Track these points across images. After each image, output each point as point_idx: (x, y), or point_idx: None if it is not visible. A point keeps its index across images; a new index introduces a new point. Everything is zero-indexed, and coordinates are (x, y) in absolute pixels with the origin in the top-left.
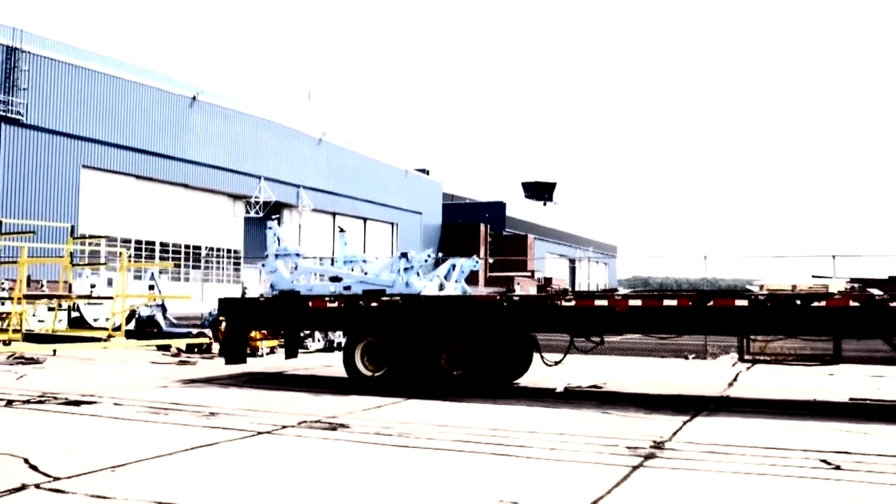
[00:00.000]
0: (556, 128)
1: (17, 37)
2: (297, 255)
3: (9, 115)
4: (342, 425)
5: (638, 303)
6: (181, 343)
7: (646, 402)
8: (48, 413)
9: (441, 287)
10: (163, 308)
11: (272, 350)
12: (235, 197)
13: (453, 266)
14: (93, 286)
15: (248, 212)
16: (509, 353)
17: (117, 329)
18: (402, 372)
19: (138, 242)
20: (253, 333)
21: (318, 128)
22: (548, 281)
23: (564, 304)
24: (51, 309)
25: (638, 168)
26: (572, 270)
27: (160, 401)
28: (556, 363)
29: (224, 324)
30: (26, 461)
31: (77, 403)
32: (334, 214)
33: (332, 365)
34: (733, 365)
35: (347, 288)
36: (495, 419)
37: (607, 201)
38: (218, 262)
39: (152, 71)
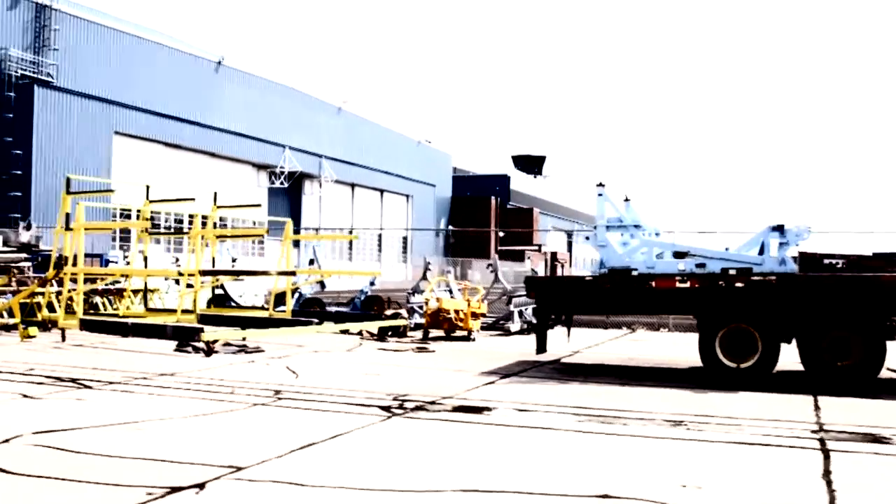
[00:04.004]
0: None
1: None
2: (636, 226)
3: (40, 76)
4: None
5: None
6: (372, 326)
7: None
8: (462, 424)
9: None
10: (322, 285)
11: (469, 333)
12: (259, 167)
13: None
14: (234, 260)
15: (272, 182)
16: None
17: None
18: (774, 363)
19: (167, 212)
20: (461, 314)
21: (338, 96)
22: (553, 255)
23: None
24: (189, 286)
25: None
26: (569, 244)
27: (559, 404)
28: None
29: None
30: None
31: (466, 410)
32: (353, 186)
33: (579, 351)
34: None
35: (701, 265)
36: None
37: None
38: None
39: (176, 38)
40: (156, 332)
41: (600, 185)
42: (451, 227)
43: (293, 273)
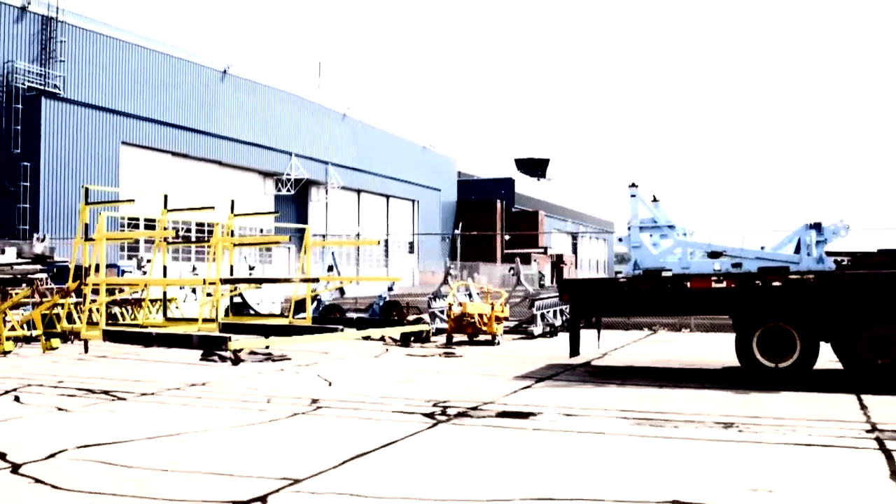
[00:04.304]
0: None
1: (52, 7)
2: (671, 226)
3: (47, 88)
4: None
5: None
6: (395, 332)
7: None
8: (511, 430)
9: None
10: (341, 292)
11: (493, 337)
12: (266, 174)
13: (806, 235)
14: (251, 268)
15: (278, 189)
16: None
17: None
18: (813, 362)
19: (175, 222)
20: (484, 318)
21: (342, 103)
22: (559, 257)
23: None
24: (209, 294)
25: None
26: (574, 246)
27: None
28: None
29: (568, 308)
30: None
31: (511, 416)
32: (359, 192)
33: (607, 353)
34: None
35: (737, 265)
36: None
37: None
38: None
39: (181, 48)
40: (181, 341)
41: (633, 185)
42: (458, 231)
43: (316, 280)
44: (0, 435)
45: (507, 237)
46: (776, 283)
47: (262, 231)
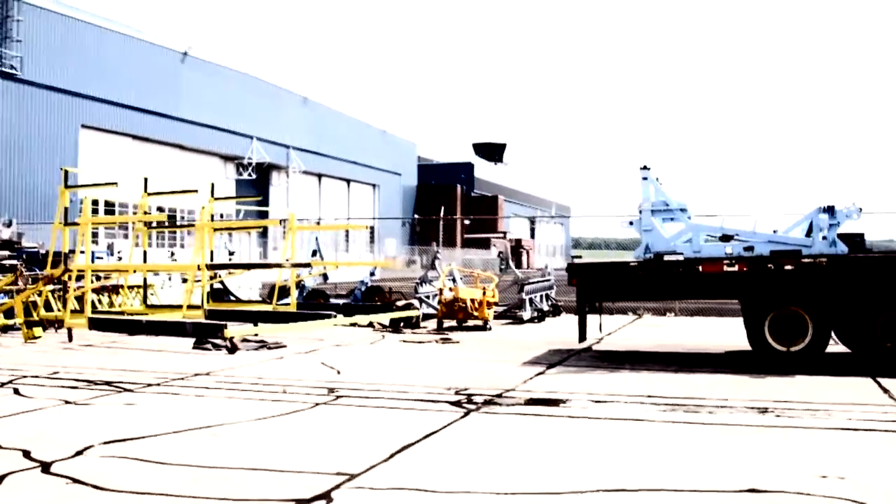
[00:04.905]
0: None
1: None
2: (682, 209)
3: (3, 68)
4: None
5: None
6: (383, 318)
7: None
8: (548, 418)
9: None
10: (324, 277)
11: (485, 323)
12: (227, 158)
13: (818, 218)
14: (231, 253)
15: (239, 173)
16: None
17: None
18: (825, 346)
19: (135, 207)
20: (475, 303)
21: (303, 87)
22: (518, 242)
23: None
24: (185, 280)
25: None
26: (532, 231)
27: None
28: None
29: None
30: None
31: (540, 403)
32: (320, 176)
33: (602, 338)
34: None
35: (749, 249)
36: None
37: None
38: None
39: (141, 29)
40: (174, 329)
41: (645, 167)
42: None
43: (308, 265)
44: (15, 431)
45: (467, 222)
46: (788, 267)
47: (222, 216)
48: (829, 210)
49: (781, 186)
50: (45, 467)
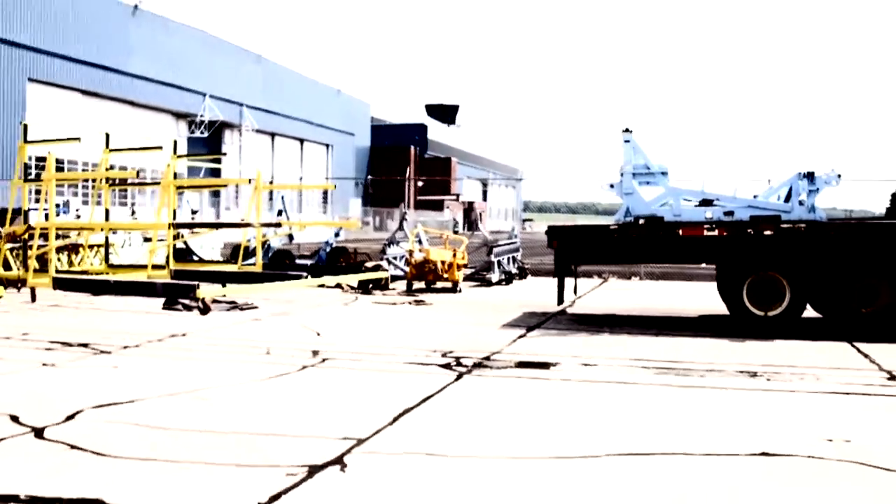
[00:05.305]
0: (460, 52)
1: None
2: (663, 173)
3: None
4: None
5: None
6: (352, 280)
7: None
8: (542, 381)
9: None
10: (290, 238)
11: (455, 285)
12: (179, 116)
13: (798, 184)
14: (194, 212)
15: (192, 131)
16: None
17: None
18: (802, 311)
19: (85, 164)
20: (445, 265)
21: (257, 44)
22: (471, 204)
23: None
24: (147, 239)
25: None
26: (484, 193)
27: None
28: None
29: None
30: None
31: (530, 366)
32: (273, 135)
33: (573, 301)
34: None
35: (729, 213)
36: None
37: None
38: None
39: None
40: (144, 289)
41: (627, 130)
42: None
43: (278, 225)
44: None
45: (420, 183)
46: (768, 232)
47: (175, 175)
48: (809, 176)
49: (761, 152)
50: (38, 433)
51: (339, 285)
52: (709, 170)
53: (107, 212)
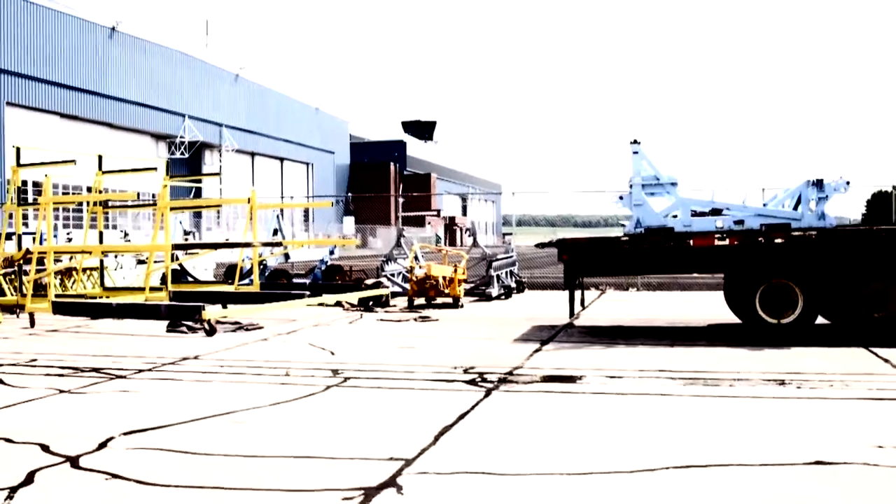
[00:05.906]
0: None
1: None
2: (673, 184)
3: None
4: None
5: None
6: (352, 297)
7: None
8: (575, 395)
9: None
10: (286, 257)
11: (457, 300)
12: (159, 137)
13: (807, 192)
14: (187, 233)
15: (171, 153)
16: None
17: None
18: (815, 317)
19: (65, 188)
20: (447, 280)
21: (235, 63)
22: (452, 220)
23: None
24: (140, 262)
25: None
26: (464, 209)
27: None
28: None
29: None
30: None
31: (556, 380)
32: (253, 154)
33: (578, 314)
34: None
35: (739, 223)
36: None
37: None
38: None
39: (68, 3)
40: (148, 312)
41: (635, 142)
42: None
43: (279, 244)
44: (20, 424)
45: (401, 199)
46: (779, 240)
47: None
48: (818, 183)
49: (768, 161)
50: (73, 462)
51: (339, 303)
52: (717, 179)
53: (101, 234)
